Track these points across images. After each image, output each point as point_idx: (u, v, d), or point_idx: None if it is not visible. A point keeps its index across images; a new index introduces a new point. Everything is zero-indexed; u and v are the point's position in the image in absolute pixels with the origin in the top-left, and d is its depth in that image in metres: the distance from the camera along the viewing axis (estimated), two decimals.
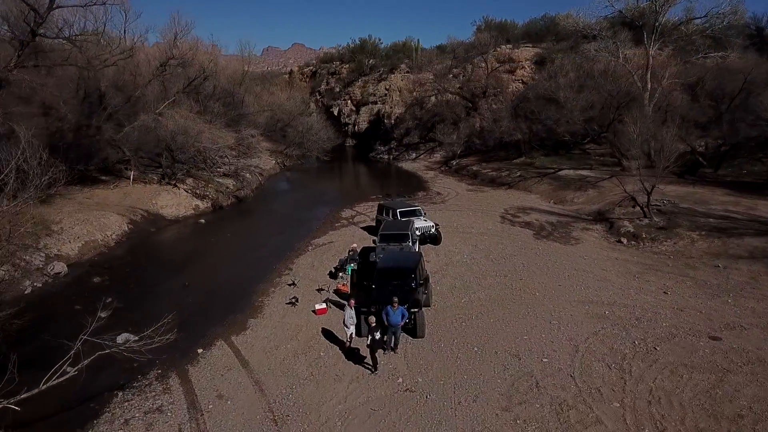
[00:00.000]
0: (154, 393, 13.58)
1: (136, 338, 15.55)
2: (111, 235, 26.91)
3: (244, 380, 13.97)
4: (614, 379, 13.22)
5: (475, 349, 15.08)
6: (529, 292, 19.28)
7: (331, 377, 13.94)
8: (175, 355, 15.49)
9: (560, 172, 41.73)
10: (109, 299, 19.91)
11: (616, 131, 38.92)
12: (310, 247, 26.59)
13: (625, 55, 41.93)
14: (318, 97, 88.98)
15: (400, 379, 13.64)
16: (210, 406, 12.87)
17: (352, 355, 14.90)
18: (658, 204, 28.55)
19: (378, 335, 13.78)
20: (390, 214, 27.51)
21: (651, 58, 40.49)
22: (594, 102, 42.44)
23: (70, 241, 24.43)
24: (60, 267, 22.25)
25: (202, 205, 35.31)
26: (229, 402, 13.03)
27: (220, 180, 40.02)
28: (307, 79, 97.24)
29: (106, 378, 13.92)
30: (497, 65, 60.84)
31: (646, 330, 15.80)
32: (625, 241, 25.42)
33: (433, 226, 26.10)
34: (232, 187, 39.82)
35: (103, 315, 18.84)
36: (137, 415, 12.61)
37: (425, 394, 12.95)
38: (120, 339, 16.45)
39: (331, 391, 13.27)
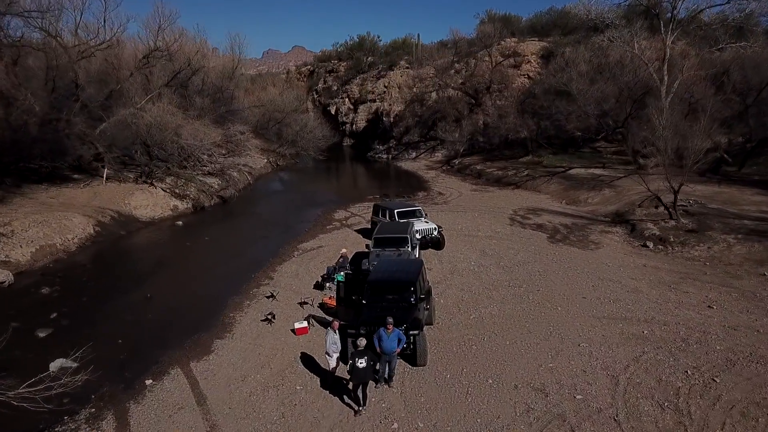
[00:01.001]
0: None
1: (74, 365, 12.75)
2: (72, 239, 23.87)
3: (198, 424, 10.99)
4: (671, 424, 10.30)
5: (490, 381, 12.12)
6: (550, 307, 16.38)
7: (307, 420, 10.95)
8: (118, 387, 12.58)
9: (570, 171, 39.26)
10: (54, 315, 17.12)
11: (631, 127, 36.09)
12: (296, 253, 23.59)
13: (641, 45, 38.97)
14: (315, 96, 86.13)
15: (395, 425, 10.65)
16: None
17: (337, 389, 11.92)
18: (684, 204, 26.08)
19: (363, 363, 10.78)
20: (386, 215, 24.54)
21: (668, 48, 37.57)
22: (608, 95, 39.52)
23: (21, 246, 21.42)
24: (4, 276, 19.22)
25: (182, 205, 32.21)
26: None
27: (204, 179, 36.91)
28: (305, 79, 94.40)
29: (24, 420, 10.86)
30: (502, 59, 57.88)
31: (698, 355, 12.96)
32: (651, 245, 22.80)
33: (435, 228, 23.20)
34: (216, 187, 36.71)
35: (41, 334, 16.12)
36: None
37: None
38: (53, 366, 13.55)
39: None
